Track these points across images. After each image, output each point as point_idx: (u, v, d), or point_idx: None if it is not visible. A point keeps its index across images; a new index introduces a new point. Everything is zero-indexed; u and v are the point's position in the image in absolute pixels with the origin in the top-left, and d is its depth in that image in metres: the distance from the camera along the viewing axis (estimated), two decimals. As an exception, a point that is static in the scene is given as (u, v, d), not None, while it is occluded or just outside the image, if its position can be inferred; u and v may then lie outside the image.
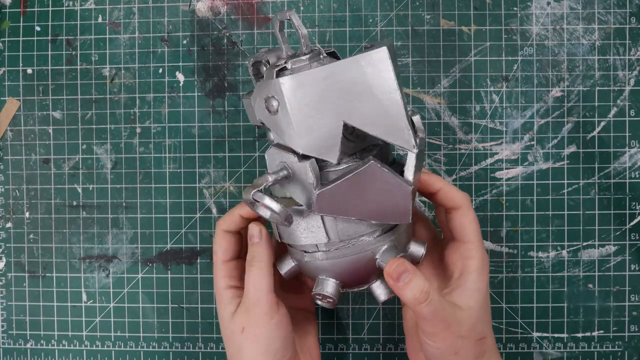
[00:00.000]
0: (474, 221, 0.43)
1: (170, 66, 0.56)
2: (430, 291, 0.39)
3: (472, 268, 0.42)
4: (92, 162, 0.56)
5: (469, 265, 0.43)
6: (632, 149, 0.54)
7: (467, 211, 0.43)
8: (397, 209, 0.38)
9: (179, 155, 0.56)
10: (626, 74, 0.54)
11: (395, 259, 0.40)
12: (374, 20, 0.55)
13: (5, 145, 0.57)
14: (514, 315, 0.55)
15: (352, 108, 0.37)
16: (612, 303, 0.54)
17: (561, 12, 0.54)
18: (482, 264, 0.43)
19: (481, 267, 0.43)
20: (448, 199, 0.44)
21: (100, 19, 0.56)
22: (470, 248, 0.43)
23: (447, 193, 0.44)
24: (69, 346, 0.56)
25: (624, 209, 0.54)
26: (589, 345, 0.54)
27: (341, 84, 0.37)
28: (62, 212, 0.56)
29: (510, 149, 0.54)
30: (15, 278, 0.57)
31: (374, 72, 0.36)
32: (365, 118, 0.37)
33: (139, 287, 0.56)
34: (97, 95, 0.56)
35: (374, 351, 0.55)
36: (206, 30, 0.55)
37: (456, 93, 0.54)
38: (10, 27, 0.56)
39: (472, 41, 0.54)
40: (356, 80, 0.36)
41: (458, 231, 0.44)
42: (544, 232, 0.54)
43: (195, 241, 0.56)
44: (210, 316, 0.56)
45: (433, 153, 0.55)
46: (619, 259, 0.54)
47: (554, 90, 0.54)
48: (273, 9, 0.55)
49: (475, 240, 0.43)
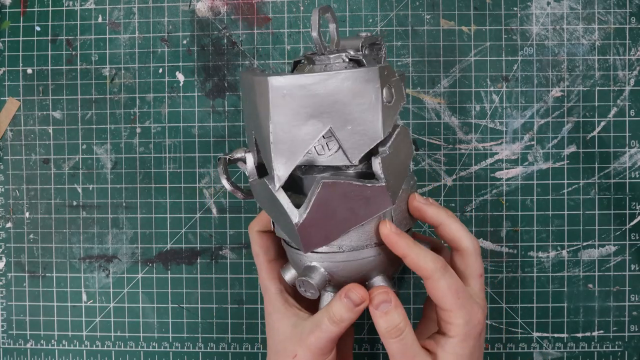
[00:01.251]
0: (449, 290, 0.39)
1: (170, 66, 0.56)
2: (405, 330, 0.38)
3: (451, 333, 0.40)
4: (92, 162, 0.56)
5: (448, 330, 0.40)
6: (632, 149, 0.54)
7: (435, 282, 0.39)
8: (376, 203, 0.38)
9: (179, 155, 0.56)
10: (626, 74, 0.54)
11: (381, 287, 0.40)
12: (374, 20, 0.55)
13: (5, 145, 0.57)
14: (514, 315, 0.55)
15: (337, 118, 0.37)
16: (612, 303, 0.54)
17: (561, 12, 0.54)
18: (466, 332, 0.39)
19: (464, 334, 0.39)
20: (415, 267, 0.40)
21: (100, 19, 0.56)
22: (449, 315, 0.39)
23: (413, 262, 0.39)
24: (69, 346, 0.56)
25: (624, 209, 0.54)
26: (589, 345, 0.54)
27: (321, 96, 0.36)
28: (62, 212, 0.56)
29: (510, 149, 0.54)
30: (15, 278, 0.57)
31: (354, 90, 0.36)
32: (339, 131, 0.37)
33: (139, 287, 0.56)
34: (97, 95, 0.56)
35: (374, 351, 0.55)
36: (206, 30, 0.55)
37: (456, 93, 0.54)
38: (10, 27, 0.56)
39: (472, 41, 0.54)
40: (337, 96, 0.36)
41: (434, 299, 0.40)
42: (544, 232, 0.54)
43: (195, 241, 0.56)
44: (210, 316, 0.56)
45: (433, 153, 0.55)
46: (619, 259, 0.54)
47: (554, 90, 0.54)
48: (273, 9, 0.55)
49: (452, 308, 0.39)
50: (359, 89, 0.36)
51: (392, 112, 0.38)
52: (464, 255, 0.42)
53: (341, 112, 0.36)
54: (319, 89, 0.36)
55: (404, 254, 0.39)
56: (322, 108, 0.36)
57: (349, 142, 0.37)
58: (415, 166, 0.55)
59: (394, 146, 0.38)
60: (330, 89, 0.36)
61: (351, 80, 0.36)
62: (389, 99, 0.37)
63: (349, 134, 0.37)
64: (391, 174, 0.38)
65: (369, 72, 0.36)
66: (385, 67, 0.37)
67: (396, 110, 0.38)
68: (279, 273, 0.44)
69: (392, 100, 0.38)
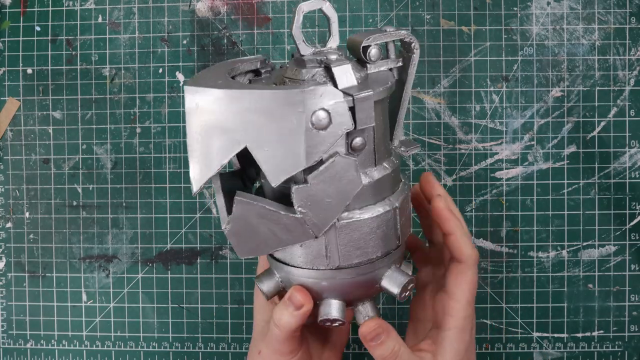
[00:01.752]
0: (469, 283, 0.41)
1: (170, 66, 0.56)
2: (400, 350, 0.39)
3: (449, 326, 0.40)
4: (92, 162, 0.56)
5: (447, 322, 0.40)
6: (632, 149, 0.54)
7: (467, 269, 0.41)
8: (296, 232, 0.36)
9: (179, 155, 0.56)
10: (626, 74, 0.54)
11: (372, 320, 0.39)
12: (374, 20, 0.55)
13: (5, 145, 0.57)
14: (514, 315, 0.55)
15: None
16: (612, 303, 0.54)
17: (561, 12, 0.54)
18: (463, 324, 0.40)
19: (462, 327, 0.40)
20: (454, 248, 0.41)
21: (100, 19, 0.56)
22: (454, 307, 0.40)
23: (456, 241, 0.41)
24: (69, 346, 0.56)
25: (624, 209, 0.54)
26: (589, 345, 0.54)
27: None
28: (62, 212, 0.56)
29: (510, 149, 0.54)
30: (15, 278, 0.57)
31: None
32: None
33: (139, 287, 0.56)
34: (97, 95, 0.56)
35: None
36: (206, 30, 0.55)
37: (456, 93, 0.54)
38: (10, 27, 0.56)
39: (472, 41, 0.54)
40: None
41: (449, 284, 0.41)
42: (544, 232, 0.54)
43: (195, 241, 0.56)
44: (210, 316, 0.56)
45: (433, 153, 0.55)
46: (619, 259, 0.54)
47: (554, 90, 0.54)
48: (273, 9, 0.55)
49: (461, 300, 0.40)
50: (279, 110, 0.33)
51: (326, 139, 0.33)
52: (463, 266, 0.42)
53: (259, 132, 0.33)
54: (231, 106, 0.33)
55: (452, 231, 0.40)
56: (236, 125, 0.33)
57: (269, 164, 0.34)
58: (415, 166, 0.55)
59: (324, 178, 0.35)
60: (241, 107, 0.33)
61: (267, 101, 0.33)
62: (322, 126, 0.33)
63: (267, 156, 0.34)
64: (314, 207, 0.35)
65: (290, 94, 0.33)
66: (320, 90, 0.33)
67: (334, 138, 0.34)
68: None
69: (328, 127, 0.33)
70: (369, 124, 0.35)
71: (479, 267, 0.54)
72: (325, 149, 0.34)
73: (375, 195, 0.37)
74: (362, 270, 0.38)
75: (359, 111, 0.34)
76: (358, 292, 0.39)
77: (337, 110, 0.33)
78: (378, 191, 0.37)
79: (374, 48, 0.37)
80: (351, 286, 0.38)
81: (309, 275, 0.38)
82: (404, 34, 0.38)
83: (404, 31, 0.38)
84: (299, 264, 0.38)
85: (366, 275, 0.38)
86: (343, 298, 0.39)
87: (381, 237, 0.37)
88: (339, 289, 0.38)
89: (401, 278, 0.38)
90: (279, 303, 0.39)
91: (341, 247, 0.37)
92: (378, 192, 0.37)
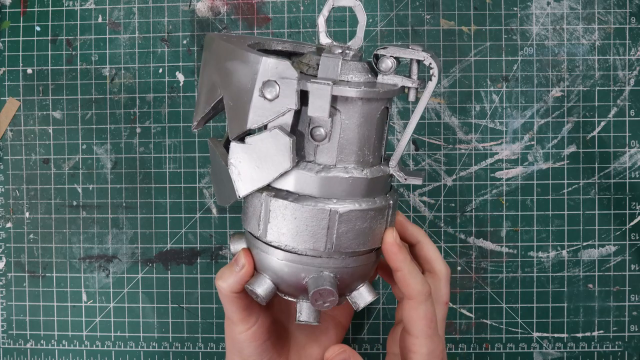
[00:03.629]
0: (423, 318, 0.39)
1: (170, 66, 0.56)
2: None
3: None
4: (92, 162, 0.56)
5: (410, 359, 0.40)
6: (632, 149, 0.54)
7: (418, 305, 0.39)
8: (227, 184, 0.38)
9: (179, 155, 0.56)
10: (626, 74, 0.54)
11: (338, 346, 0.40)
12: (374, 20, 0.55)
13: (5, 145, 0.57)
14: (514, 315, 0.55)
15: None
16: (612, 303, 0.54)
17: (561, 12, 0.54)
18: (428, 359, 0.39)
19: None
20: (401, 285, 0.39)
21: (100, 19, 0.56)
22: (415, 343, 0.39)
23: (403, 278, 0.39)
24: (69, 346, 0.56)
25: (624, 209, 0.54)
26: (589, 345, 0.54)
27: None
28: (62, 212, 0.56)
29: (510, 149, 0.54)
30: (15, 278, 0.57)
31: None
32: None
33: (139, 287, 0.56)
34: (97, 95, 0.56)
35: (374, 351, 0.55)
36: (206, 30, 0.55)
37: (456, 93, 0.54)
38: (10, 27, 0.56)
39: (472, 41, 0.54)
40: None
41: (406, 321, 0.40)
42: (544, 232, 0.54)
43: (195, 241, 0.56)
44: (210, 316, 0.56)
45: (433, 153, 0.55)
46: (619, 259, 0.54)
47: (554, 90, 0.54)
48: (273, 9, 0.55)
49: (420, 336, 0.39)
50: (246, 72, 0.36)
51: (270, 110, 0.36)
52: (435, 278, 0.43)
53: (232, 88, 0.37)
54: (222, 59, 0.37)
55: (399, 268, 0.39)
56: (221, 77, 0.37)
57: (229, 118, 0.37)
58: (415, 166, 0.55)
59: (260, 143, 0.37)
60: (229, 62, 0.37)
61: (242, 61, 0.36)
62: (270, 96, 0.35)
63: (230, 110, 0.37)
64: (243, 166, 0.37)
65: (254, 59, 0.35)
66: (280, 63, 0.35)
67: (276, 111, 0.36)
68: None
69: (275, 99, 0.35)
70: (322, 114, 0.35)
71: (479, 267, 0.54)
72: (268, 118, 0.36)
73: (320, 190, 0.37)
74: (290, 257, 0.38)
75: (313, 98, 0.35)
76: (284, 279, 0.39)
77: (287, 86, 0.35)
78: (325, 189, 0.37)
79: (388, 60, 0.37)
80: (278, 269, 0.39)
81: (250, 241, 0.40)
82: (424, 55, 0.37)
83: (426, 53, 0.37)
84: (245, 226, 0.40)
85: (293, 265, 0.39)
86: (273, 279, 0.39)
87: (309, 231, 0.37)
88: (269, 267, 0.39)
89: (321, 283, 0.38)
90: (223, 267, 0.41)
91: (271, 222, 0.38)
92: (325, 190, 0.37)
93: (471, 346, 0.55)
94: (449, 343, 0.55)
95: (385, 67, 0.37)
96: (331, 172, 0.37)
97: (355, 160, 0.38)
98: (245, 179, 0.38)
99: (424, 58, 0.37)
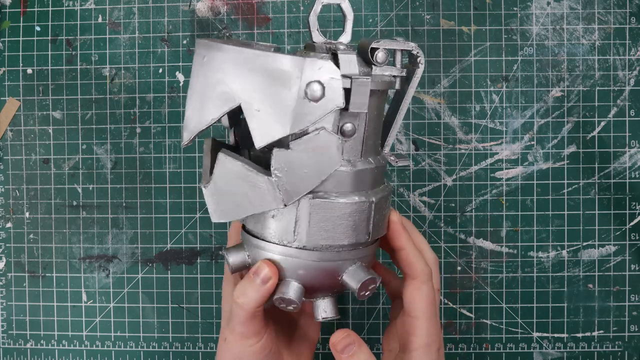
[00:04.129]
0: (426, 298, 0.40)
1: (170, 66, 0.56)
2: None
3: (414, 346, 0.40)
4: (92, 162, 0.56)
5: (412, 342, 0.40)
6: (632, 149, 0.54)
7: (421, 285, 0.40)
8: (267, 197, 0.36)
9: (179, 155, 0.56)
10: (626, 74, 0.54)
11: (342, 330, 0.39)
12: (374, 20, 0.55)
13: (5, 145, 0.57)
14: (514, 315, 0.55)
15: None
16: (612, 303, 0.54)
17: (561, 12, 0.54)
18: (428, 342, 0.40)
19: (427, 344, 0.40)
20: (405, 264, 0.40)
21: (100, 19, 0.56)
22: (416, 325, 0.40)
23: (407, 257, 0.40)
24: (69, 346, 0.56)
25: (624, 209, 0.54)
26: (589, 345, 0.54)
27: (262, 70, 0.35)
28: (62, 212, 0.56)
29: (510, 149, 0.54)
30: (15, 278, 0.57)
31: None
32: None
33: (139, 287, 0.56)
34: (97, 95, 0.56)
35: (374, 351, 0.55)
36: (206, 30, 0.55)
37: (456, 93, 0.54)
38: (10, 27, 0.56)
39: (472, 41, 0.54)
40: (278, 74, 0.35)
41: (407, 302, 0.40)
42: (544, 232, 0.54)
43: (195, 241, 0.56)
44: (210, 316, 0.56)
45: (433, 153, 0.55)
46: (619, 259, 0.54)
47: (554, 90, 0.54)
48: (273, 9, 0.55)
49: (421, 317, 0.40)
50: (279, 75, 0.34)
51: (316, 111, 0.35)
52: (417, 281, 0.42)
53: (255, 93, 0.35)
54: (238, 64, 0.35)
55: (403, 246, 0.40)
56: (237, 83, 0.35)
57: (257, 125, 0.35)
58: (415, 166, 0.55)
59: (305, 147, 0.36)
60: (245, 65, 0.35)
61: (272, 64, 0.35)
62: (315, 97, 0.35)
63: (257, 117, 0.35)
64: (290, 174, 0.36)
65: (294, 60, 0.34)
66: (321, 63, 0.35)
67: (323, 112, 0.35)
68: None
69: (320, 100, 0.35)
70: (362, 109, 0.36)
71: (479, 267, 0.54)
72: (312, 120, 0.35)
73: (354, 184, 0.38)
74: (327, 256, 0.38)
75: (354, 94, 0.36)
76: (319, 279, 0.39)
77: (332, 85, 0.35)
78: (358, 182, 0.38)
79: (382, 52, 0.38)
80: (314, 270, 0.38)
81: (275, 250, 0.38)
82: (413, 45, 0.39)
83: (413, 44, 0.39)
84: (268, 237, 0.38)
85: (329, 263, 0.38)
86: (304, 283, 0.39)
87: (351, 225, 0.38)
88: (301, 271, 0.38)
89: (362, 274, 0.38)
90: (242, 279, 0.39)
91: (311, 224, 0.37)
92: (358, 183, 0.38)
93: (471, 346, 0.55)
94: (449, 343, 0.55)
95: (382, 59, 0.38)
96: (359, 164, 0.38)
97: (374, 150, 0.39)
98: (291, 186, 0.36)
99: (412, 48, 0.39)
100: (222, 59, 0.35)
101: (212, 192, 0.37)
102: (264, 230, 0.38)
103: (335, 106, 0.35)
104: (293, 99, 0.35)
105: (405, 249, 0.40)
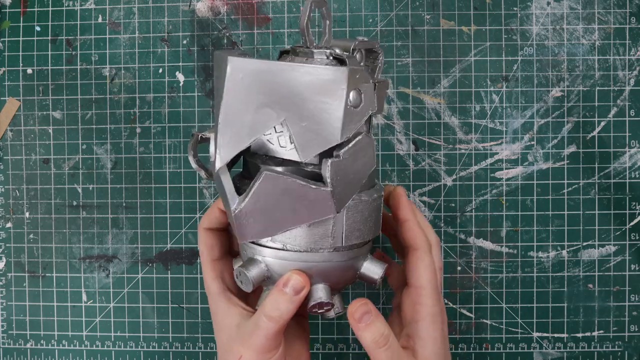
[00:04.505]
0: (429, 267, 0.41)
1: (170, 66, 0.56)
2: (390, 336, 0.38)
3: (422, 315, 0.40)
4: (92, 162, 0.56)
5: (419, 312, 0.40)
6: (632, 149, 0.54)
7: (424, 255, 0.41)
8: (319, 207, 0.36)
9: (179, 155, 0.56)
10: (626, 74, 0.54)
11: (359, 300, 0.39)
12: (374, 20, 0.55)
13: (5, 145, 0.57)
14: (514, 315, 0.55)
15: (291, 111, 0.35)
16: (612, 303, 0.54)
17: (561, 12, 0.54)
18: (435, 311, 0.40)
19: (433, 314, 0.40)
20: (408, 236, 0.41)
21: (100, 19, 0.56)
22: (421, 294, 0.40)
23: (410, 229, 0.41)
24: (69, 346, 0.56)
25: (624, 209, 0.54)
26: (589, 345, 0.54)
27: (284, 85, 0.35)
28: (62, 212, 0.56)
29: (510, 149, 0.54)
30: (15, 278, 0.57)
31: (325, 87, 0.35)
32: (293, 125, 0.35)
33: (139, 287, 0.56)
34: (97, 95, 0.56)
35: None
36: (206, 30, 0.55)
37: (456, 93, 0.54)
38: (10, 27, 0.56)
39: (472, 41, 0.54)
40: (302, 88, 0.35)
41: (411, 274, 0.41)
42: (544, 232, 0.54)
43: (195, 241, 0.56)
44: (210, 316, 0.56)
45: (433, 153, 0.55)
46: (619, 259, 0.54)
47: (554, 90, 0.54)
48: (273, 9, 0.55)
49: (427, 286, 0.40)
50: (322, 86, 0.35)
51: (357, 117, 0.36)
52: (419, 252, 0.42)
53: (298, 107, 0.35)
54: (278, 79, 0.35)
55: (407, 218, 0.42)
56: (278, 99, 0.35)
57: (303, 139, 0.35)
58: (415, 166, 0.55)
59: (352, 153, 0.37)
60: (289, 80, 0.35)
61: (314, 76, 0.35)
62: (356, 104, 0.36)
63: (303, 131, 0.35)
64: (341, 181, 0.36)
65: (337, 71, 0.35)
66: (358, 71, 0.36)
67: (362, 117, 0.36)
68: (221, 272, 0.43)
69: (360, 106, 0.36)
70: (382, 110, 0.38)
71: (479, 267, 0.54)
72: (356, 127, 0.36)
73: (370, 181, 0.40)
74: (353, 253, 0.39)
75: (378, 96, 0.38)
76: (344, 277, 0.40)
77: (367, 91, 0.36)
78: (371, 179, 0.40)
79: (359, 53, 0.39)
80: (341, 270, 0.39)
81: (305, 258, 0.38)
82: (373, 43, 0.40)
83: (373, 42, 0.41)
84: (297, 246, 0.38)
85: (354, 260, 0.39)
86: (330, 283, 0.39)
87: (375, 220, 0.40)
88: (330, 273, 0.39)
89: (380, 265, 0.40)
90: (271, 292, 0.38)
91: (346, 226, 0.38)
92: (371, 180, 0.40)
93: (471, 346, 0.55)
94: (449, 343, 0.55)
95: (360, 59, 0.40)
96: None
97: None
98: (342, 193, 0.37)
99: (373, 46, 0.40)
100: (261, 76, 0.35)
101: (249, 212, 0.37)
102: (289, 240, 0.38)
103: (371, 110, 0.37)
104: (341, 109, 0.35)
105: (409, 220, 0.42)
